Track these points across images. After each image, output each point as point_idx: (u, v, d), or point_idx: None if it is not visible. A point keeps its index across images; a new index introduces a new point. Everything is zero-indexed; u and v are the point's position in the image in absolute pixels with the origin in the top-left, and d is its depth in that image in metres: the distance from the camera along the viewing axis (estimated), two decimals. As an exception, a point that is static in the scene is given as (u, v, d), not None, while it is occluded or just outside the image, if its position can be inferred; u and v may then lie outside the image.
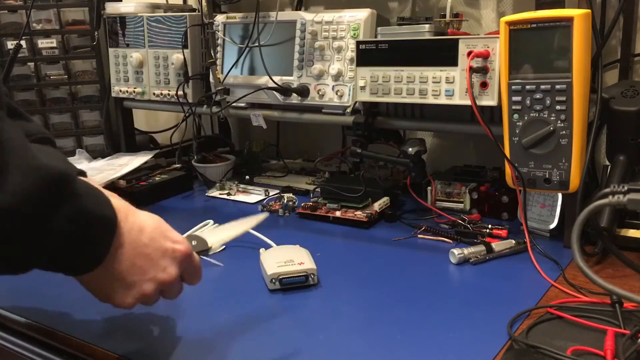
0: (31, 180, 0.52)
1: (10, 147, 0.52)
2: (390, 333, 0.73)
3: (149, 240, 0.64)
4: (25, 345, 0.79)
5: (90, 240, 0.59)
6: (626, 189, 0.62)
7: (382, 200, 1.16)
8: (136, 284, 0.63)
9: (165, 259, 0.65)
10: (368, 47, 1.10)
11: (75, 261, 0.59)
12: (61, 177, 0.55)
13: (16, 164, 0.52)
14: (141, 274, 0.63)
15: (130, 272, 0.62)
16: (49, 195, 0.54)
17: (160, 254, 0.64)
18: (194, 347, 0.71)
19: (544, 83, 0.90)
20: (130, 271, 0.62)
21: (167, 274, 0.65)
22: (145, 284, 0.63)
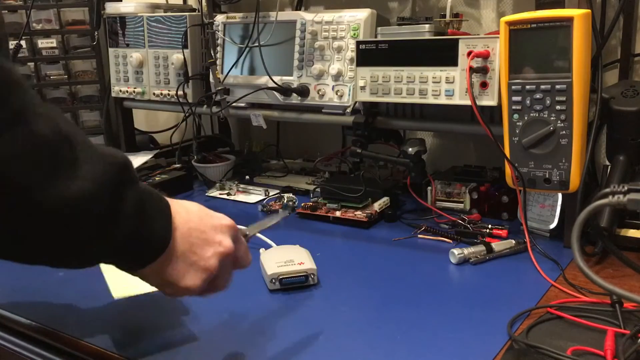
0: (101, 168, 0.55)
1: (76, 140, 0.54)
2: (390, 333, 0.73)
3: (198, 219, 0.66)
4: (25, 345, 0.79)
5: (154, 223, 0.60)
6: (626, 189, 0.62)
7: (382, 200, 1.16)
8: (200, 261, 0.64)
9: (217, 233, 0.66)
10: (368, 47, 1.10)
11: (144, 247, 0.61)
12: (123, 165, 0.58)
13: (86, 155, 0.54)
14: (202, 251, 0.64)
15: (191, 251, 0.64)
16: (118, 181, 0.56)
17: (212, 230, 0.66)
18: (194, 347, 0.71)
19: (544, 83, 0.90)
20: (191, 250, 0.64)
21: (224, 246, 0.66)
22: (209, 260, 0.64)
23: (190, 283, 0.64)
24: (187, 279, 0.64)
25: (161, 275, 0.64)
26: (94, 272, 0.90)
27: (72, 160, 0.53)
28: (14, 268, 0.96)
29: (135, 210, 0.58)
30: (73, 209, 0.52)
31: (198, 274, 0.64)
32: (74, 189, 0.52)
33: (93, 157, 0.55)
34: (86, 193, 0.53)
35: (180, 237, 0.63)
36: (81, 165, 0.53)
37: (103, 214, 0.55)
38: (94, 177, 0.54)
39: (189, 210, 0.66)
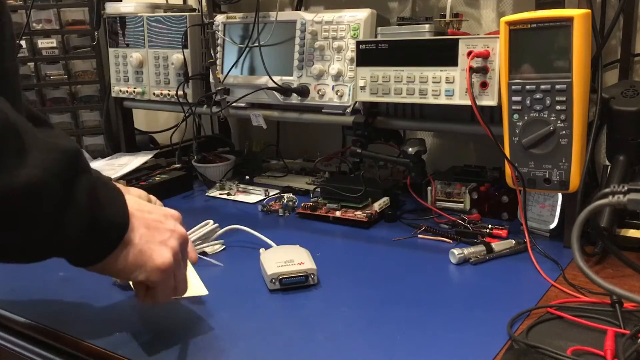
0: (52, 156, 0.54)
1: (23, 129, 0.53)
2: (390, 333, 0.73)
3: (149, 208, 0.66)
4: (25, 345, 0.79)
5: (110, 209, 0.60)
6: (626, 189, 0.62)
7: (382, 200, 1.16)
8: (163, 241, 0.65)
9: (169, 219, 0.68)
10: (368, 47, 1.10)
11: (103, 234, 0.60)
12: (74, 153, 0.57)
13: (33, 143, 0.53)
14: (160, 234, 0.65)
15: (150, 234, 0.64)
16: (68, 169, 0.55)
17: (164, 217, 0.67)
18: (194, 347, 0.71)
19: (544, 83, 0.90)
20: (149, 233, 0.64)
21: (178, 229, 0.67)
22: (169, 240, 0.65)
23: (160, 260, 0.64)
24: (156, 256, 0.64)
25: (128, 261, 0.63)
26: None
27: (20, 148, 0.52)
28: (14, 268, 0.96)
29: (89, 198, 0.57)
30: (24, 197, 0.51)
31: (165, 251, 0.64)
32: (22, 178, 0.51)
33: (42, 145, 0.54)
34: (36, 180, 0.52)
35: (137, 222, 0.63)
36: (29, 154, 0.52)
37: (55, 202, 0.54)
38: (44, 164, 0.53)
39: (137, 200, 0.67)
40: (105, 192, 0.60)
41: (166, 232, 0.66)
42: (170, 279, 0.66)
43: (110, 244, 0.61)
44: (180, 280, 0.69)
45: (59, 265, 0.94)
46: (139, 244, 0.63)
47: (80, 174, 0.57)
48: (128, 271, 0.64)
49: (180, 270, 0.69)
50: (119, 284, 0.87)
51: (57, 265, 0.94)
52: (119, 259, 0.62)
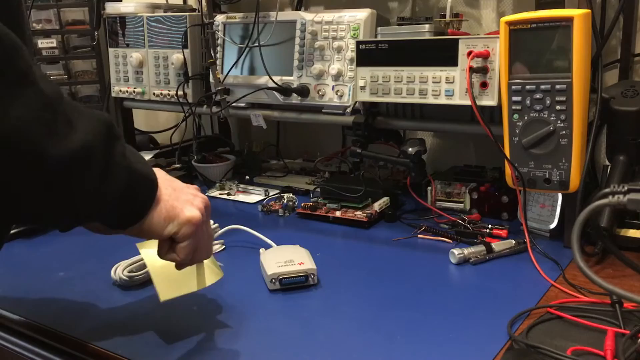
0: (94, 122, 0.59)
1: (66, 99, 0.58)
2: (390, 333, 0.73)
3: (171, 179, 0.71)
4: (25, 345, 0.79)
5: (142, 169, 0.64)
6: (626, 189, 0.62)
7: (382, 200, 1.16)
8: (188, 200, 0.69)
9: (190, 187, 0.73)
10: (368, 47, 1.10)
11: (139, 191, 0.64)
12: (109, 121, 0.61)
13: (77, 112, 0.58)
14: (185, 195, 0.70)
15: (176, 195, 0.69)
16: (109, 134, 0.60)
17: (184, 186, 0.72)
18: (194, 347, 0.71)
19: (544, 83, 0.90)
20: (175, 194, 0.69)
21: (200, 195, 0.72)
22: (194, 200, 0.70)
23: (190, 214, 0.68)
24: (186, 210, 0.68)
25: (162, 216, 0.66)
26: (94, 272, 0.91)
27: (70, 116, 0.57)
28: (14, 268, 0.96)
29: (125, 159, 0.62)
30: (78, 160, 0.56)
31: (193, 208, 0.68)
32: (77, 142, 0.55)
33: (84, 113, 0.59)
34: (87, 144, 0.56)
35: (163, 183, 0.68)
36: (77, 120, 0.57)
37: (101, 164, 0.58)
38: (91, 129, 0.57)
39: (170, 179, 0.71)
40: (135, 155, 0.65)
41: (190, 194, 0.71)
42: (197, 235, 0.69)
43: (147, 200, 0.66)
44: (203, 246, 0.72)
45: (59, 265, 0.95)
46: (169, 200, 0.67)
47: (117, 139, 0.62)
48: (162, 226, 0.67)
49: (204, 234, 0.72)
50: (119, 283, 0.87)
51: (57, 265, 0.94)
52: (155, 215, 0.66)
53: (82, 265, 0.95)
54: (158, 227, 0.67)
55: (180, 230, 0.67)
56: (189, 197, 0.70)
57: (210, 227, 0.75)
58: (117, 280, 0.87)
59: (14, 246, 1.02)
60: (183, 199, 0.69)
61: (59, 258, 0.98)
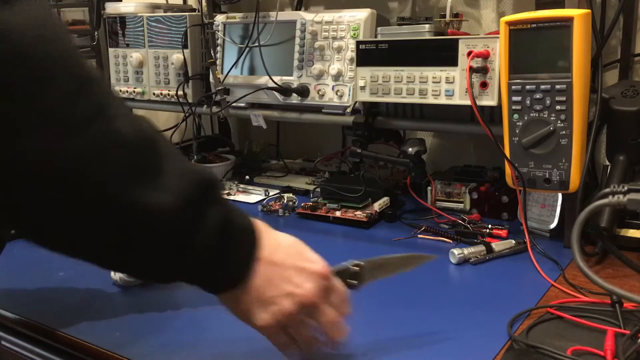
0: (186, 182, 0.52)
1: (164, 150, 0.52)
2: (390, 333, 0.73)
3: (285, 256, 0.61)
4: (25, 345, 0.79)
5: (234, 250, 0.57)
6: (626, 189, 0.62)
7: (382, 200, 1.16)
8: (274, 300, 0.60)
9: (300, 275, 0.61)
10: (368, 47, 1.10)
11: (219, 273, 0.58)
12: (210, 182, 0.55)
13: (171, 167, 0.52)
14: (277, 290, 0.60)
15: (266, 287, 0.60)
16: (201, 198, 0.53)
17: (296, 272, 0.61)
18: (194, 347, 0.71)
19: (544, 83, 0.90)
20: (266, 286, 0.60)
21: (304, 289, 0.61)
22: (283, 300, 0.60)
23: (260, 321, 0.60)
24: (257, 316, 0.60)
25: (232, 304, 0.61)
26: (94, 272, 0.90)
27: (156, 167, 0.51)
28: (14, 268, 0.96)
29: (216, 233, 0.55)
30: (150, 219, 0.50)
31: (270, 311, 0.60)
32: (154, 199, 0.50)
33: (178, 168, 0.52)
34: (166, 206, 0.50)
35: (259, 270, 0.59)
36: (165, 175, 0.51)
37: (182, 231, 0.52)
38: (177, 190, 0.51)
39: (280, 244, 0.62)
40: (238, 231, 0.58)
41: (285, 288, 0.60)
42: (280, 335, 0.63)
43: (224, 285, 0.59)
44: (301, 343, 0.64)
45: (59, 265, 0.95)
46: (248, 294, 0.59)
47: (212, 205, 0.55)
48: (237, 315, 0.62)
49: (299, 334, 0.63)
50: (119, 283, 0.87)
51: (57, 265, 0.94)
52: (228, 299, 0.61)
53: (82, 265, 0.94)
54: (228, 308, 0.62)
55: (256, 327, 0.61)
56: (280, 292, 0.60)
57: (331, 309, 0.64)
58: (117, 281, 0.87)
59: (14, 246, 1.01)
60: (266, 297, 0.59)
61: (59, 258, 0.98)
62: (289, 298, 0.60)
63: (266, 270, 0.60)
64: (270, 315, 0.60)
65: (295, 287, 0.60)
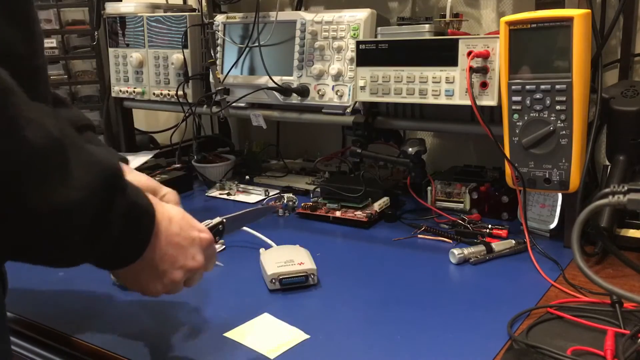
0: (92, 175, 0.54)
1: (69, 143, 0.53)
2: (390, 333, 0.73)
3: (178, 229, 0.65)
4: (25, 345, 0.79)
5: (138, 231, 0.60)
6: (626, 189, 0.62)
7: (382, 200, 1.16)
8: (167, 273, 0.64)
9: (193, 246, 0.66)
10: (368, 47, 1.10)
11: (124, 253, 0.60)
12: (115, 172, 0.57)
13: (77, 160, 0.53)
14: (172, 262, 0.64)
15: (163, 260, 0.64)
16: (107, 189, 0.55)
17: (189, 243, 0.66)
18: (194, 347, 0.71)
19: (544, 83, 0.90)
20: (162, 259, 0.63)
21: (196, 261, 0.66)
22: (175, 272, 0.65)
23: (153, 290, 0.65)
24: (151, 286, 0.64)
25: (129, 276, 0.64)
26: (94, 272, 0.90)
27: (63, 166, 0.52)
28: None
29: (123, 220, 0.57)
30: (62, 216, 0.52)
31: (162, 282, 0.64)
32: (61, 198, 0.52)
33: (84, 162, 0.54)
34: (76, 201, 0.52)
35: (156, 245, 0.63)
36: (72, 172, 0.53)
37: (91, 222, 0.54)
38: (83, 185, 0.53)
39: (172, 219, 0.65)
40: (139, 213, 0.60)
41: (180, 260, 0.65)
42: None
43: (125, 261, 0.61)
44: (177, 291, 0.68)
45: (59, 265, 0.95)
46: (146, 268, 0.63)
47: (118, 193, 0.57)
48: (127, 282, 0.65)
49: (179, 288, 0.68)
50: (118, 284, 0.87)
51: (57, 265, 0.94)
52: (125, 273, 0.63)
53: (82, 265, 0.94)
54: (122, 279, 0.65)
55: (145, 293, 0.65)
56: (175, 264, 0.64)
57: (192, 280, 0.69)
58: (116, 281, 0.87)
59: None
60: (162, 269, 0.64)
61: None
62: (181, 269, 0.65)
63: (161, 244, 0.63)
64: (162, 285, 0.64)
65: (187, 259, 0.65)
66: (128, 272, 0.63)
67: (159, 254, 0.63)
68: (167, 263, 0.64)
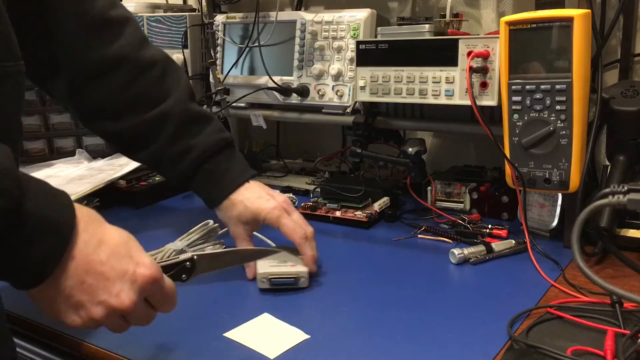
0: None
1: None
2: (390, 333, 0.73)
3: (106, 257, 0.56)
4: (25, 345, 0.79)
5: (30, 246, 0.52)
6: (626, 189, 0.62)
7: (382, 200, 1.16)
8: (84, 306, 0.56)
9: (121, 282, 0.56)
10: (368, 47, 1.10)
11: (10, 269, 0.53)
12: None
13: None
14: (90, 295, 0.56)
15: (79, 290, 0.55)
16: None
17: (117, 275, 0.56)
18: (193, 347, 0.71)
19: (544, 83, 0.90)
20: (78, 289, 0.55)
21: (120, 300, 0.56)
22: (93, 308, 0.56)
23: (69, 321, 0.57)
24: (66, 316, 0.57)
25: (40, 300, 0.57)
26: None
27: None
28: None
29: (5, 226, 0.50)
30: None
31: (79, 315, 0.56)
32: None
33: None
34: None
35: (71, 270, 0.55)
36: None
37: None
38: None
39: (103, 244, 0.57)
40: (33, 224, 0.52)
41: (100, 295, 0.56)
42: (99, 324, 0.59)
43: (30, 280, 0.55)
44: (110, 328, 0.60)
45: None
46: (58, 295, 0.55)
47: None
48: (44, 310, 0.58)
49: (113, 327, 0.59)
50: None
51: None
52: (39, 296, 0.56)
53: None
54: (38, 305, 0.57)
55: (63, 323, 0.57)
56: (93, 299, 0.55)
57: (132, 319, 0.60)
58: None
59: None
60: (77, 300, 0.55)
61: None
62: (101, 306, 0.56)
63: (78, 270, 0.55)
64: (80, 319, 0.56)
65: (110, 295, 0.56)
66: (39, 296, 0.56)
67: (73, 281, 0.55)
68: (84, 294, 0.55)
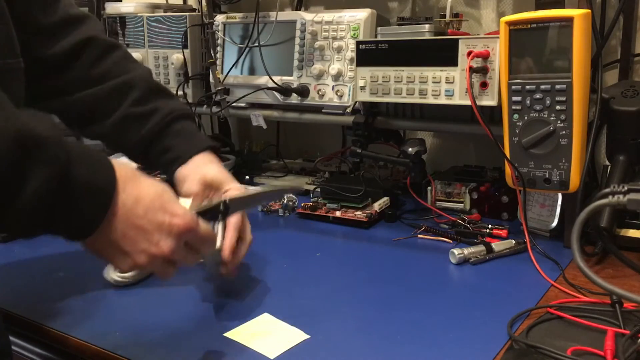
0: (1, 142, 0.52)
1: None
2: (390, 333, 0.73)
3: (143, 212, 0.62)
4: (25, 345, 0.79)
5: (76, 207, 0.57)
6: (626, 189, 0.62)
7: (382, 200, 1.16)
8: (129, 254, 0.62)
9: (159, 232, 0.63)
10: (368, 47, 1.10)
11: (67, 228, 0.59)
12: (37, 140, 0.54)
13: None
14: (132, 245, 0.62)
15: (122, 241, 0.61)
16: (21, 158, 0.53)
17: (154, 227, 0.62)
18: (194, 348, 0.71)
19: (544, 83, 0.90)
20: (122, 240, 0.61)
21: (159, 248, 0.62)
22: (137, 256, 0.62)
23: (121, 266, 0.64)
24: (116, 262, 0.64)
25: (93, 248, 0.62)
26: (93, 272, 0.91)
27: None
28: (14, 267, 0.96)
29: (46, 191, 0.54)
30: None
31: (126, 262, 0.63)
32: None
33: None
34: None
35: (114, 225, 0.61)
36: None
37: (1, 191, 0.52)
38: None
39: (140, 200, 0.62)
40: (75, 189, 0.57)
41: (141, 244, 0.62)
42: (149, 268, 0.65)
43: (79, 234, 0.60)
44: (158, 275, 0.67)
45: (58, 265, 0.95)
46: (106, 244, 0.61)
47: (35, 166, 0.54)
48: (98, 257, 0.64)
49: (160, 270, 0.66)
50: (113, 284, 0.87)
51: (57, 266, 0.94)
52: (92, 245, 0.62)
53: (82, 265, 0.95)
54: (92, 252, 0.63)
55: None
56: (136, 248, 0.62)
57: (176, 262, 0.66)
58: (110, 281, 0.87)
59: (14, 246, 1.02)
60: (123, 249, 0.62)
61: (58, 258, 0.98)
62: (143, 254, 0.62)
63: (120, 225, 0.61)
64: (128, 265, 0.63)
65: (150, 244, 0.62)
66: (91, 246, 0.62)
67: (117, 235, 0.61)
68: (128, 244, 0.62)
